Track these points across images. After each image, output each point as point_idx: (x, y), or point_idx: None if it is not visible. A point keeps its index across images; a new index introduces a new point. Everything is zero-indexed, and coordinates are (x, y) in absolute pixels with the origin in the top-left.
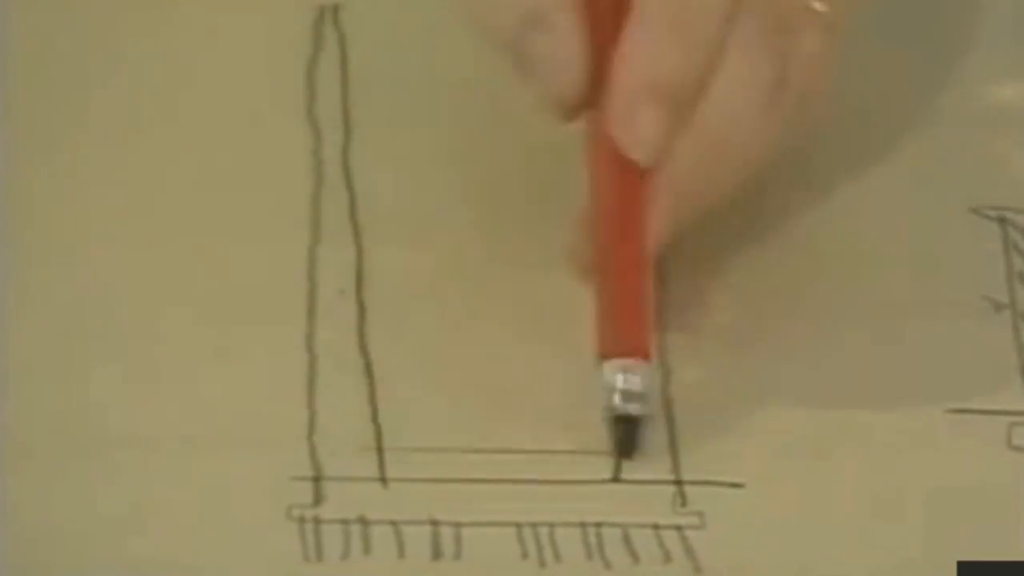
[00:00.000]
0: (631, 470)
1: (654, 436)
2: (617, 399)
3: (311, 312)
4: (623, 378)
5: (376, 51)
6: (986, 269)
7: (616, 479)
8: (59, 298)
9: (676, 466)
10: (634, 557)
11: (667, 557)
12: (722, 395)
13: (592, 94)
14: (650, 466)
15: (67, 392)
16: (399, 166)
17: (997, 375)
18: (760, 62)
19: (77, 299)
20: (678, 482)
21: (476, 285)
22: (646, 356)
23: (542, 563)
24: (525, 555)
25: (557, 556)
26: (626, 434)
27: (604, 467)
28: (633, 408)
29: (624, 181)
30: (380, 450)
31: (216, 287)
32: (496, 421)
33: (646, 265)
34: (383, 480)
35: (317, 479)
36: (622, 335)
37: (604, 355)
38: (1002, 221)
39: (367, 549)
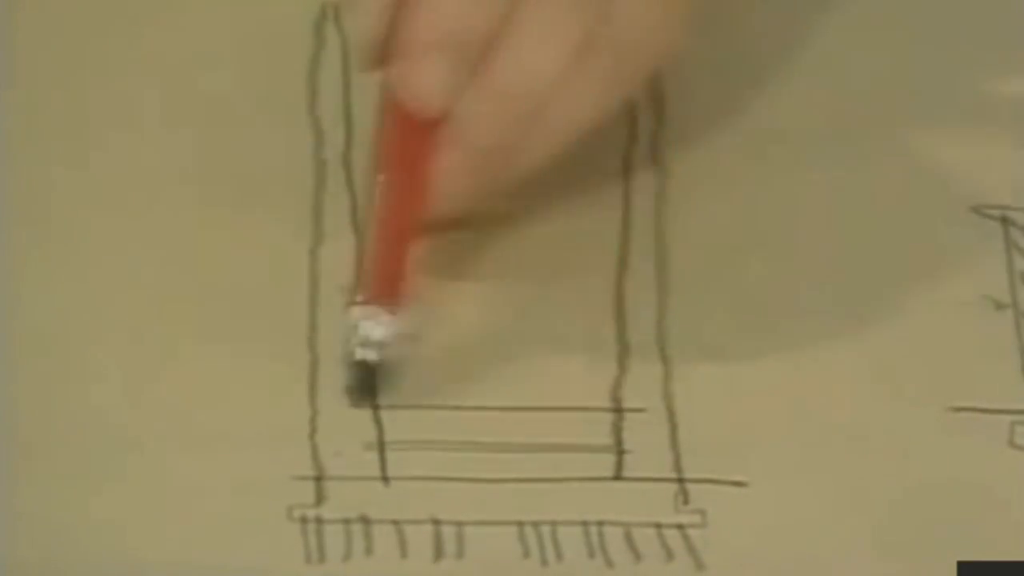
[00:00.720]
0: (633, 468)
1: (655, 434)
2: (355, 344)
3: (313, 312)
4: (365, 325)
5: None
6: (987, 268)
7: (618, 477)
8: (61, 299)
9: (678, 464)
10: (636, 555)
11: (669, 555)
12: (724, 393)
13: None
14: (652, 464)
15: (68, 393)
16: None
17: (999, 374)
18: (564, 19)
19: (78, 299)
20: (680, 480)
21: (475, 283)
22: (394, 306)
23: (544, 562)
24: (527, 554)
25: (559, 555)
26: (360, 380)
27: (606, 465)
28: (370, 355)
29: (406, 132)
30: (382, 449)
31: (218, 287)
32: (497, 419)
33: (416, 218)
34: (385, 479)
35: (319, 479)
36: (374, 283)
37: (352, 301)
38: (1004, 220)
39: (369, 549)
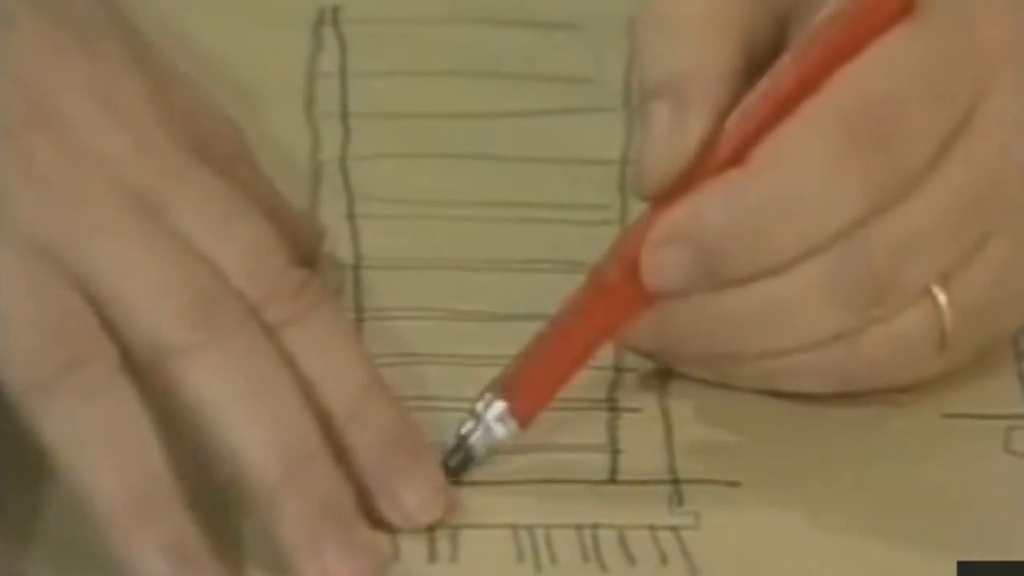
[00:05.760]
0: (628, 468)
1: (650, 434)
2: (472, 427)
3: None
4: (492, 418)
5: (376, 51)
6: None
7: (612, 480)
8: None
9: (672, 464)
10: (630, 559)
11: (663, 558)
12: (719, 394)
13: (677, 187)
14: (646, 464)
15: None
16: (398, 167)
17: (994, 379)
18: None
19: None
20: (675, 481)
21: (473, 282)
22: (523, 423)
23: (538, 566)
24: (521, 557)
25: (553, 558)
26: (461, 462)
27: (601, 466)
28: (478, 444)
29: (623, 281)
30: None
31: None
32: None
33: (590, 350)
34: None
35: None
36: (524, 394)
37: (494, 391)
38: None
39: None
